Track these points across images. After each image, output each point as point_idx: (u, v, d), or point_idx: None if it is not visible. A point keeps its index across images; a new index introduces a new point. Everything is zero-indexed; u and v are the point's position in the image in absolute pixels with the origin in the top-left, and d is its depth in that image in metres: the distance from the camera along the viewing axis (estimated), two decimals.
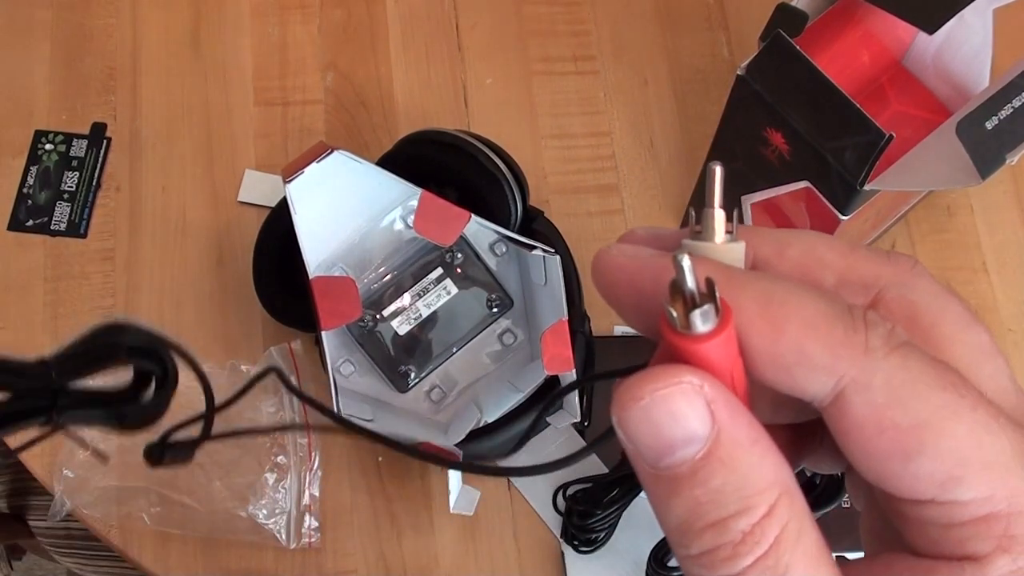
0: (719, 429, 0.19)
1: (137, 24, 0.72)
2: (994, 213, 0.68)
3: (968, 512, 0.19)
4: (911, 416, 0.19)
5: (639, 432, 0.19)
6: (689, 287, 0.19)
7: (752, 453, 0.19)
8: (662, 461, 0.19)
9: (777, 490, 0.19)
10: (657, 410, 0.19)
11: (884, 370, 0.19)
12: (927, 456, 0.19)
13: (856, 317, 0.20)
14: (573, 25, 0.73)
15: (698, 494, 0.19)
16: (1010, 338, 0.65)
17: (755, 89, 0.51)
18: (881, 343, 0.19)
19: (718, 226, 0.22)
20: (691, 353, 0.19)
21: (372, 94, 0.71)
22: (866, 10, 0.56)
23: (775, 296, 0.20)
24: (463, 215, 0.54)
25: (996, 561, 0.19)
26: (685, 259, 0.19)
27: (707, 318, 0.19)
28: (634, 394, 0.19)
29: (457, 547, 0.61)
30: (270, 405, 0.61)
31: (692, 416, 0.19)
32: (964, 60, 0.59)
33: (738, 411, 0.19)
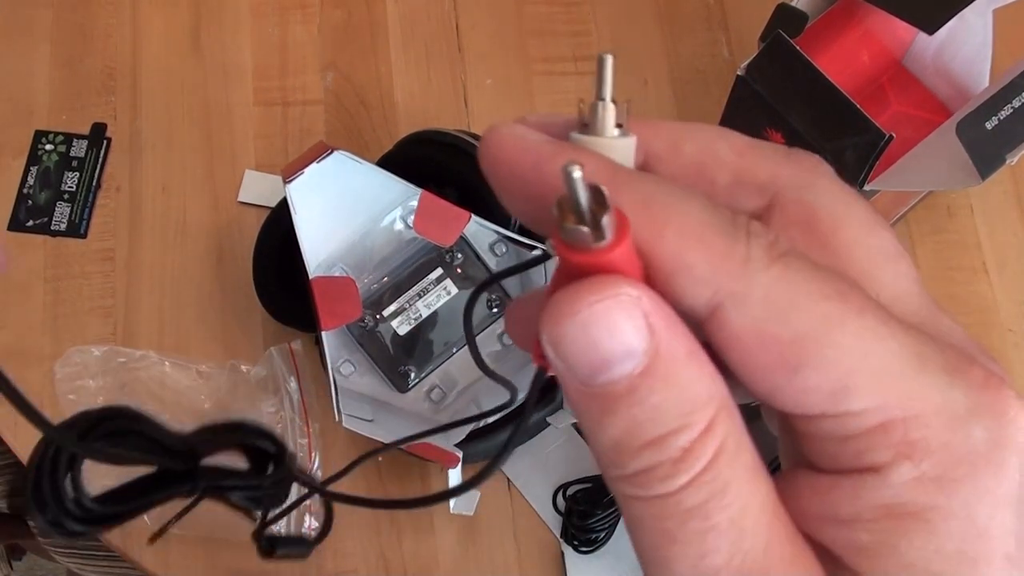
0: (658, 343, 0.18)
1: (137, 24, 0.72)
2: (994, 213, 0.68)
3: (862, 422, 0.18)
4: (792, 328, 0.18)
5: (574, 348, 0.18)
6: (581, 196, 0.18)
7: (690, 367, 0.18)
8: (598, 378, 0.18)
9: (715, 405, 0.18)
10: (595, 324, 0.18)
11: (763, 282, 0.18)
12: (812, 368, 0.18)
13: (739, 226, 0.19)
14: (573, 25, 0.73)
15: (636, 412, 0.18)
16: (1010, 338, 0.65)
17: (755, 89, 0.51)
18: (762, 253, 0.18)
19: (608, 119, 0.21)
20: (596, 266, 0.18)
21: (372, 94, 0.71)
22: (866, 10, 0.56)
23: (656, 200, 0.19)
24: (463, 215, 0.54)
25: (897, 469, 0.18)
26: (575, 168, 0.18)
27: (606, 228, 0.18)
28: (569, 308, 0.18)
29: (457, 547, 0.61)
30: (270, 405, 0.61)
31: (631, 330, 0.18)
32: (964, 60, 0.59)
33: (675, 323, 0.18)
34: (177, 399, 0.61)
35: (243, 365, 0.62)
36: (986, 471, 0.18)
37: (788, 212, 0.21)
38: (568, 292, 0.18)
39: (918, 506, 0.18)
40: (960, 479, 0.18)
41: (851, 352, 0.18)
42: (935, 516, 0.18)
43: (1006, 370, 0.21)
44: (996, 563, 0.18)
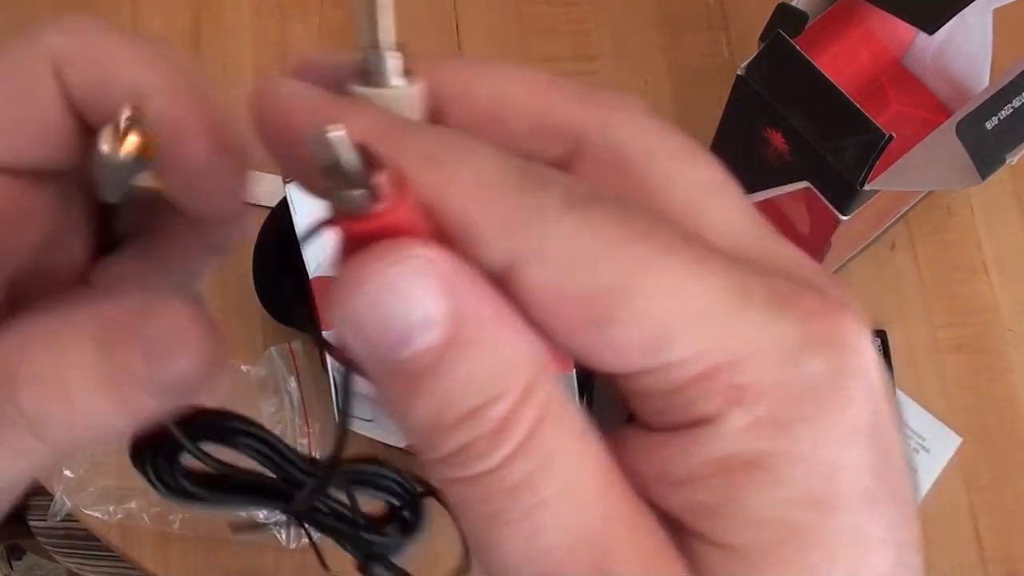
0: (461, 306, 0.16)
1: (137, 24, 0.72)
2: (994, 213, 0.68)
3: (684, 372, 0.17)
4: (595, 280, 0.16)
5: (368, 324, 0.16)
6: (346, 162, 0.16)
7: (500, 329, 0.16)
8: (399, 353, 0.16)
9: (532, 368, 0.17)
10: (386, 293, 0.16)
11: (558, 234, 0.16)
12: (621, 322, 0.16)
13: (530, 176, 0.17)
14: (573, 25, 0.73)
15: (445, 386, 0.16)
16: (1010, 338, 0.65)
17: (755, 89, 0.51)
18: (557, 202, 0.17)
19: (388, 68, 0.19)
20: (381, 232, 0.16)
21: None
22: (866, 10, 0.56)
23: (439, 154, 0.17)
24: None
25: (728, 417, 0.17)
26: (331, 130, 0.16)
27: (382, 188, 0.16)
28: (356, 278, 0.16)
29: (457, 547, 0.61)
30: (270, 405, 0.61)
31: (428, 296, 0.16)
32: (964, 60, 0.59)
33: (478, 283, 0.16)
34: None
35: (243, 365, 0.62)
36: (829, 405, 0.17)
37: (595, 156, 0.19)
38: (352, 263, 0.16)
39: (757, 454, 0.17)
40: (800, 418, 0.17)
41: (662, 297, 0.16)
42: (778, 462, 0.17)
43: None
44: (853, 501, 0.17)
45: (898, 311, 0.66)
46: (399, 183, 0.16)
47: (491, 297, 0.17)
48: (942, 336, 0.65)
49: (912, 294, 0.66)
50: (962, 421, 0.63)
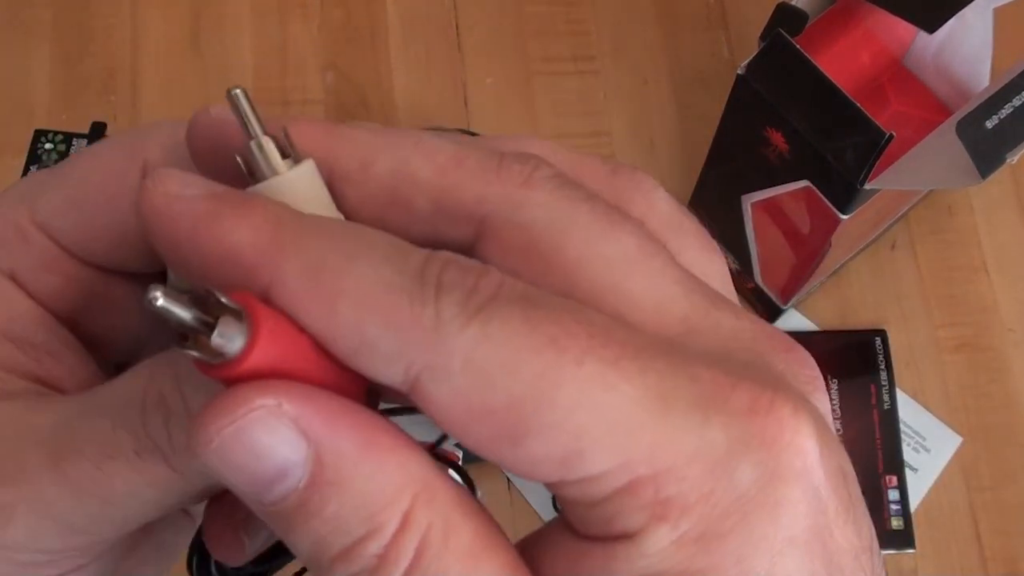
0: (316, 448, 0.16)
1: (137, 24, 0.72)
2: (994, 213, 0.68)
3: (604, 486, 0.16)
4: (503, 395, 0.15)
5: (226, 475, 0.16)
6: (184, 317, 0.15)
7: (366, 462, 0.16)
8: (263, 499, 0.16)
9: (409, 493, 0.16)
10: (233, 450, 0.15)
11: (461, 347, 0.15)
12: (533, 436, 0.15)
13: (427, 282, 0.16)
14: (573, 25, 0.73)
15: (315, 526, 0.16)
16: (1010, 338, 0.65)
17: (755, 89, 0.51)
18: (456, 312, 0.15)
19: (269, 157, 0.18)
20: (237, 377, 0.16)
21: (372, 94, 0.71)
22: (866, 10, 0.56)
23: (327, 264, 0.16)
24: None
25: (653, 534, 0.16)
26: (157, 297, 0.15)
27: (229, 338, 0.15)
28: (202, 438, 0.15)
29: None
30: None
31: (277, 444, 0.15)
32: (964, 60, 0.59)
33: (336, 417, 0.16)
34: None
35: None
36: (760, 514, 0.16)
37: (503, 238, 0.18)
38: (198, 416, 0.16)
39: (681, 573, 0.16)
40: (728, 532, 0.16)
41: (575, 409, 0.15)
42: None
43: None
44: None
45: (898, 311, 0.66)
46: (256, 319, 0.15)
47: (353, 427, 0.16)
48: (942, 336, 0.65)
49: (912, 294, 0.66)
50: (962, 421, 0.63)
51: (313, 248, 0.16)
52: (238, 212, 0.17)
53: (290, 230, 0.17)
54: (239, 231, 0.16)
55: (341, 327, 0.16)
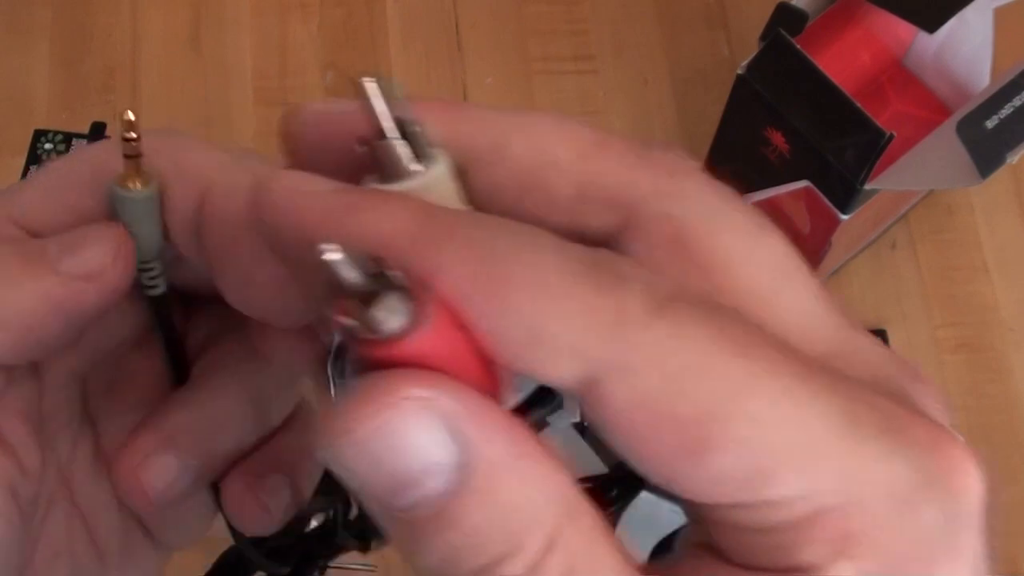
0: (469, 451, 0.14)
1: (137, 24, 0.72)
2: (995, 212, 0.68)
3: (788, 513, 0.14)
4: (693, 403, 0.14)
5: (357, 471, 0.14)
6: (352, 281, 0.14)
7: (517, 474, 0.14)
8: (396, 503, 0.14)
9: (553, 512, 0.14)
10: (377, 443, 0.14)
11: (649, 344, 0.14)
12: (720, 451, 0.14)
13: (604, 270, 0.14)
14: (573, 25, 0.73)
15: (450, 538, 0.14)
16: (1011, 338, 0.65)
17: (755, 89, 0.51)
18: (642, 304, 0.14)
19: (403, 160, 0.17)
20: (390, 359, 0.14)
21: None
22: (866, 10, 0.56)
23: (495, 251, 0.15)
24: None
25: (834, 570, 0.14)
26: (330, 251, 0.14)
27: (393, 312, 0.14)
28: (342, 425, 0.14)
29: None
30: None
31: (428, 442, 0.14)
32: (964, 60, 0.59)
33: (492, 421, 0.14)
34: None
35: None
36: (942, 561, 0.15)
37: (651, 231, 0.17)
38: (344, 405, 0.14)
39: None
40: None
41: (768, 426, 0.14)
42: None
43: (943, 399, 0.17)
44: None
45: (898, 311, 0.65)
46: (422, 300, 0.14)
47: (508, 433, 0.14)
48: (942, 336, 0.65)
49: (912, 294, 0.66)
50: (962, 421, 0.63)
51: (476, 236, 0.15)
52: (379, 204, 0.16)
53: (445, 220, 0.15)
54: (385, 222, 0.15)
55: (513, 317, 0.14)
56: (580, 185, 0.17)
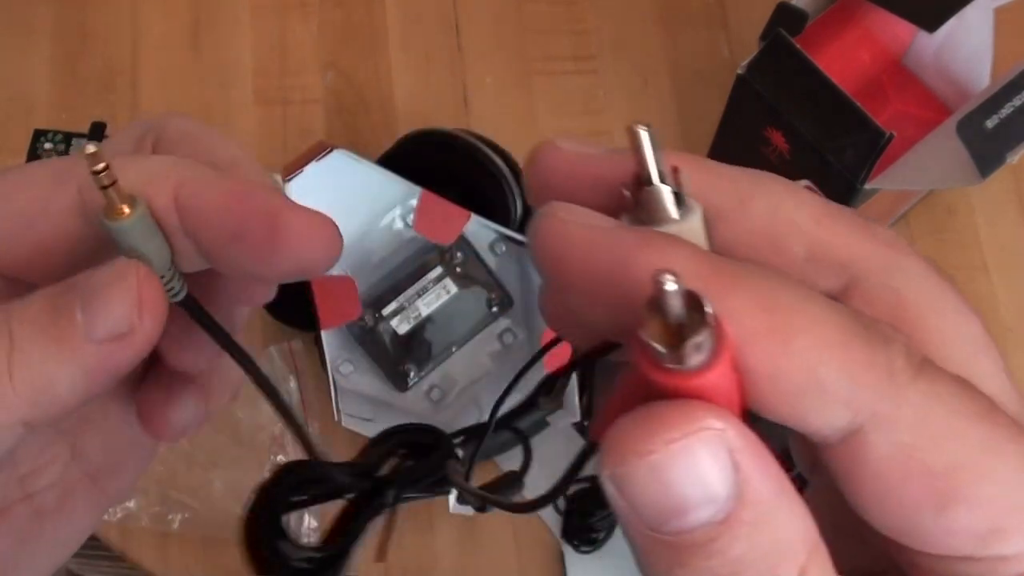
0: (744, 485, 0.15)
1: (137, 24, 0.72)
2: (995, 212, 0.68)
3: (1014, 569, 0.16)
4: (946, 457, 0.15)
5: (642, 492, 0.15)
6: (675, 311, 0.15)
7: (780, 511, 0.15)
8: (669, 525, 0.15)
9: (805, 548, 0.15)
10: (671, 466, 0.15)
11: (912, 400, 0.15)
12: (963, 505, 0.15)
13: (872, 331, 0.16)
14: (573, 24, 0.73)
15: (713, 565, 0.15)
16: (1010, 338, 0.65)
17: (755, 89, 0.51)
18: (905, 364, 0.16)
19: (666, 205, 0.18)
20: (683, 390, 0.15)
21: (372, 93, 0.71)
22: (866, 9, 0.56)
23: (779, 300, 0.16)
24: (463, 214, 0.54)
25: None
26: (670, 280, 0.15)
27: (701, 348, 0.15)
28: (639, 446, 0.15)
29: (456, 547, 0.61)
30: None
31: (714, 472, 0.15)
32: (964, 59, 0.59)
33: (764, 457, 0.15)
34: None
35: None
36: None
37: (873, 298, 0.18)
38: (639, 424, 0.15)
39: None
40: None
41: (1009, 486, 0.15)
42: None
43: None
44: None
45: None
46: (720, 341, 0.15)
47: (776, 471, 0.16)
48: None
49: None
50: None
51: (762, 286, 0.16)
52: (669, 245, 0.17)
53: (732, 267, 0.16)
54: (675, 262, 0.16)
55: (794, 364, 0.16)
56: (812, 247, 0.18)
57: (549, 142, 0.19)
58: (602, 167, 0.19)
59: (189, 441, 0.59)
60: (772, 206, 0.19)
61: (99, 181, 0.20)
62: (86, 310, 0.20)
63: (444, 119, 0.70)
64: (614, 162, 0.19)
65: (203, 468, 0.59)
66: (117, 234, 0.21)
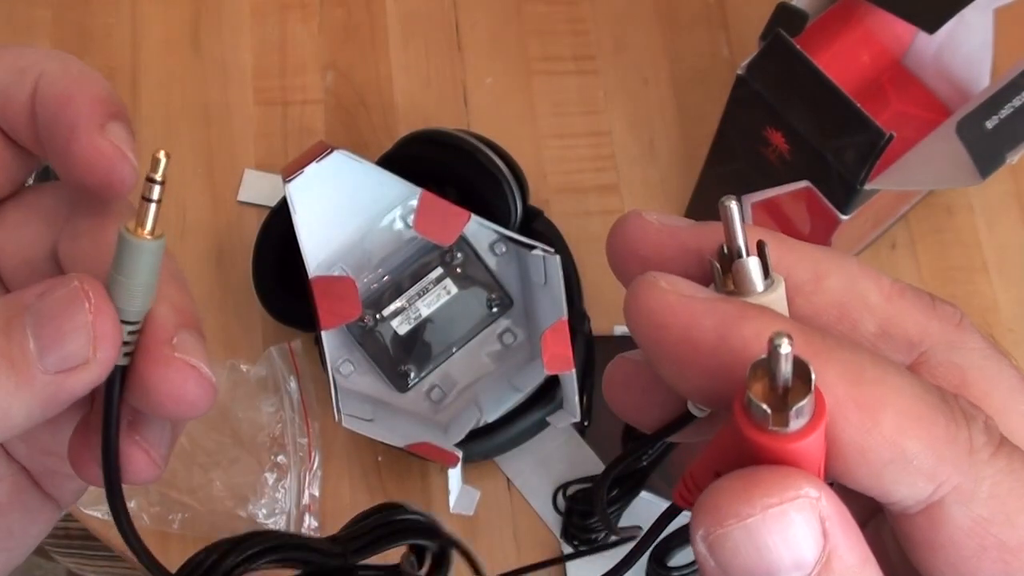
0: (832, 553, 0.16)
1: (137, 24, 0.72)
2: (994, 213, 0.68)
3: None
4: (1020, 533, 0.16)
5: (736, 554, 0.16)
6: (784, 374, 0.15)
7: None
8: None
9: None
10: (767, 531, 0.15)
11: (991, 476, 0.16)
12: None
13: (954, 407, 0.17)
14: (573, 25, 0.73)
15: None
16: (1010, 338, 0.65)
17: (755, 89, 0.51)
18: (984, 441, 0.16)
19: (755, 274, 0.19)
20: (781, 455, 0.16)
21: (372, 94, 0.71)
22: (866, 10, 0.56)
23: (867, 374, 0.16)
24: (463, 215, 0.54)
25: None
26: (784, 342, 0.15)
27: (803, 412, 0.16)
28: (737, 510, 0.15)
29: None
30: (270, 405, 0.61)
31: (806, 538, 0.15)
32: (964, 60, 0.59)
33: (851, 527, 0.16)
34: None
35: (243, 365, 0.62)
36: None
37: (938, 373, 0.19)
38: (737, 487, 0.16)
39: None
40: None
41: None
42: None
43: None
44: None
45: None
46: (819, 408, 0.16)
47: (861, 541, 0.16)
48: None
49: None
50: None
51: (852, 359, 0.17)
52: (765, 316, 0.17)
53: (823, 340, 0.17)
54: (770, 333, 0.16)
55: (881, 436, 0.16)
56: (883, 322, 0.19)
57: (635, 213, 0.20)
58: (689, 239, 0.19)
59: (189, 441, 0.59)
60: (846, 282, 0.19)
61: (151, 191, 0.20)
62: (38, 338, 0.20)
63: (444, 119, 0.70)
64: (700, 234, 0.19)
65: (203, 468, 0.59)
66: (123, 246, 0.21)
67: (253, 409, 0.60)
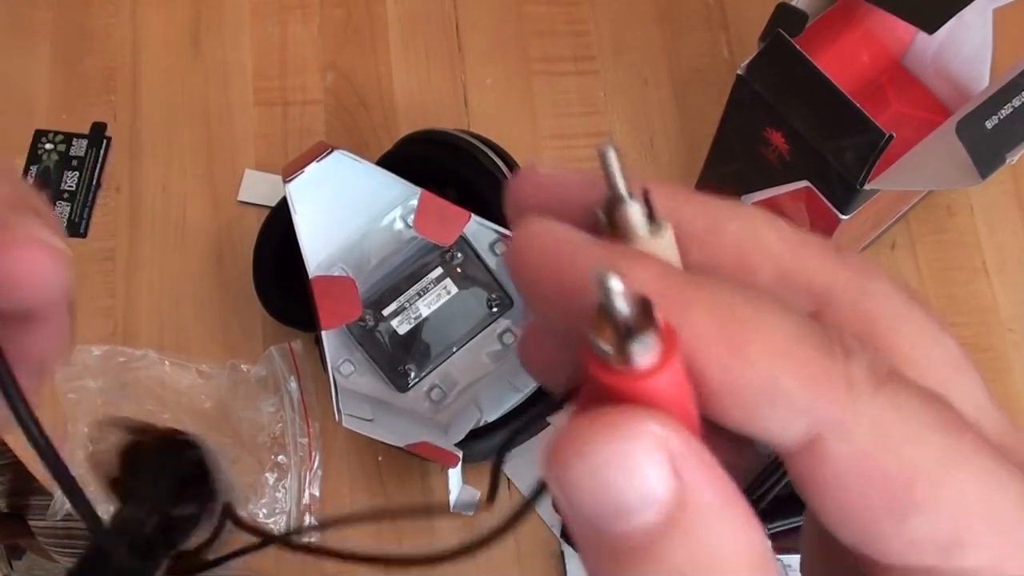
0: (686, 491, 0.15)
1: (137, 24, 0.72)
2: (994, 213, 0.68)
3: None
4: (906, 466, 0.15)
5: (582, 493, 0.15)
6: (620, 311, 0.15)
7: (723, 521, 0.15)
8: (610, 527, 0.15)
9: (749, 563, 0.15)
10: (608, 468, 0.15)
11: (872, 410, 0.16)
12: (926, 514, 0.15)
13: (833, 341, 0.16)
14: (573, 25, 0.73)
15: (650, 571, 0.15)
16: (1010, 338, 0.65)
17: (755, 89, 0.51)
18: (866, 375, 0.16)
19: (636, 221, 0.18)
20: (630, 392, 0.15)
21: (372, 94, 0.71)
22: (866, 10, 0.56)
23: (736, 311, 0.16)
24: (463, 215, 0.54)
25: None
26: (613, 279, 0.15)
27: (646, 348, 0.15)
28: (579, 448, 0.15)
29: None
30: (270, 405, 0.61)
31: (652, 475, 0.15)
32: (964, 60, 0.59)
33: (708, 466, 0.15)
34: (177, 399, 0.61)
35: (243, 365, 0.62)
36: None
37: (841, 319, 0.18)
38: (578, 426, 0.15)
39: None
40: None
41: (971, 497, 0.16)
42: None
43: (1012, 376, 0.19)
44: None
45: None
46: (667, 344, 0.15)
47: (722, 482, 0.16)
48: None
49: None
50: None
51: (721, 297, 0.16)
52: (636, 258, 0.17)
53: (692, 280, 0.17)
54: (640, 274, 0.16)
55: (750, 373, 0.16)
56: (783, 271, 0.19)
57: (528, 166, 0.20)
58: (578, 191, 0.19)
59: None
60: (745, 231, 0.19)
61: None
62: None
63: (444, 119, 0.70)
64: (590, 186, 0.19)
65: None
66: None
67: (253, 409, 0.61)
